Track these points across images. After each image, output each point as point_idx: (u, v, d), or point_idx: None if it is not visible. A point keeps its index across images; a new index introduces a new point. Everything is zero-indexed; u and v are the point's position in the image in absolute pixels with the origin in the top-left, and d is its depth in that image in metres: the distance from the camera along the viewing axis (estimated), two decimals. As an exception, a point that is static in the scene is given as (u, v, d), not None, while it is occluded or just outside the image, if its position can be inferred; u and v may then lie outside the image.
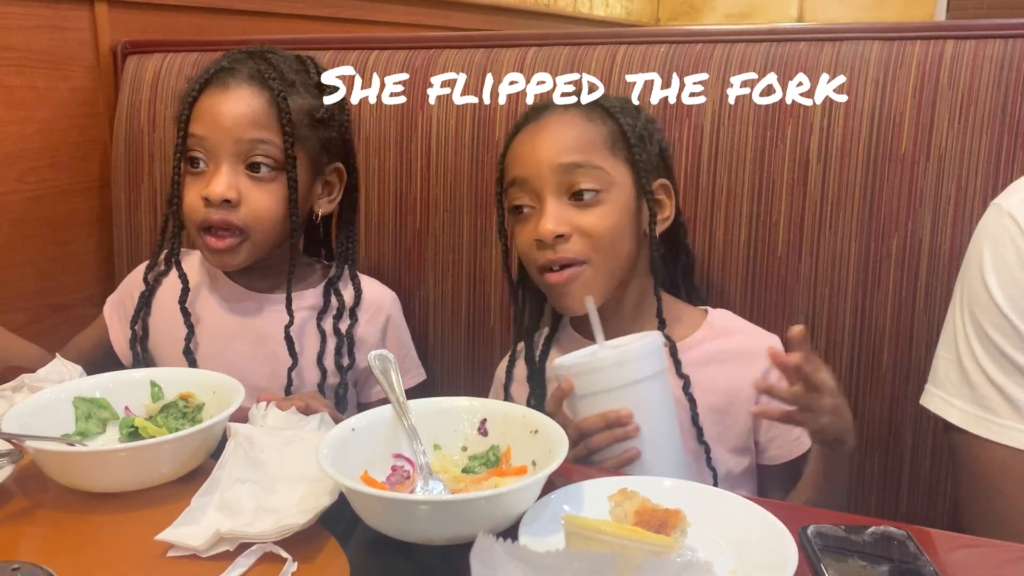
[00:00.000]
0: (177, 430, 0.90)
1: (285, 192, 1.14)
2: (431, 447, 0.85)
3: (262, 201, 1.13)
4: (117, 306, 1.28)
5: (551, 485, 0.76)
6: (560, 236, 1.02)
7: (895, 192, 1.15)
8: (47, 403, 0.91)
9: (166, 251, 1.24)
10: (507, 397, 1.16)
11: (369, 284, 1.28)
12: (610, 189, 1.04)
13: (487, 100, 1.35)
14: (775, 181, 1.20)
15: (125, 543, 0.76)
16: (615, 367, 0.94)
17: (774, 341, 1.08)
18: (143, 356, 1.22)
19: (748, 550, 0.69)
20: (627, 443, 0.93)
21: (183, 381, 0.97)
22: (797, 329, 0.90)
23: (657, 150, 1.11)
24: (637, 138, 1.06)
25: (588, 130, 1.06)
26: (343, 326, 1.22)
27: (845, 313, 1.19)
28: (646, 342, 0.95)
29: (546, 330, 1.17)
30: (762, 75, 1.20)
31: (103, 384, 0.96)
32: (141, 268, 1.27)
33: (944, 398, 0.94)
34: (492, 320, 1.40)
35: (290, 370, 1.18)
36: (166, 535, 0.72)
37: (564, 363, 0.98)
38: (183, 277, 1.21)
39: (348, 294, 1.24)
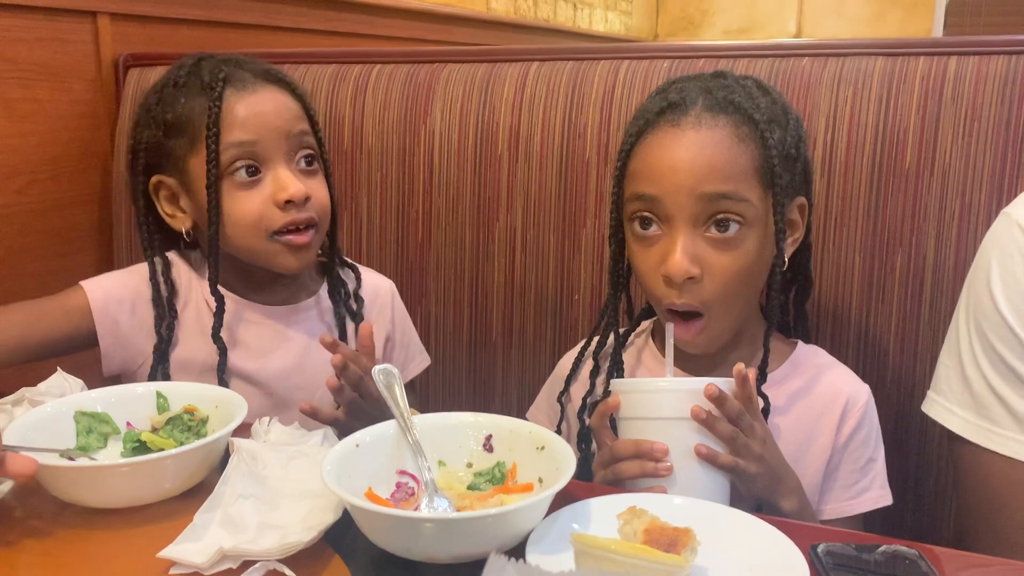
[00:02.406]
0: (183, 443, 0.89)
1: (325, 181, 1.16)
2: (436, 463, 0.84)
3: (321, 192, 1.13)
4: (110, 317, 1.14)
5: (558, 502, 0.75)
6: (690, 278, 0.91)
7: (899, 207, 1.15)
8: (48, 417, 0.90)
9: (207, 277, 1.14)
10: (565, 392, 1.09)
11: (367, 272, 1.27)
12: (753, 224, 0.92)
13: (489, 115, 1.35)
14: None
15: (127, 560, 0.75)
16: (659, 394, 0.88)
17: (863, 391, 1.01)
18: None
19: (758, 569, 0.68)
20: (656, 481, 0.86)
21: (187, 394, 0.96)
22: (739, 367, 0.87)
23: (801, 166, 0.99)
24: (783, 160, 0.93)
25: (737, 153, 0.92)
26: (354, 307, 1.21)
27: (849, 328, 1.19)
28: (702, 381, 0.86)
29: (622, 331, 1.08)
30: (765, 90, 1.20)
31: (105, 398, 0.94)
32: (136, 271, 1.17)
33: (945, 405, 0.94)
34: (494, 334, 1.40)
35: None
36: (168, 552, 0.71)
37: (619, 380, 0.94)
38: (219, 299, 1.13)
39: (350, 280, 1.24)
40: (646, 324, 1.11)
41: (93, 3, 1.48)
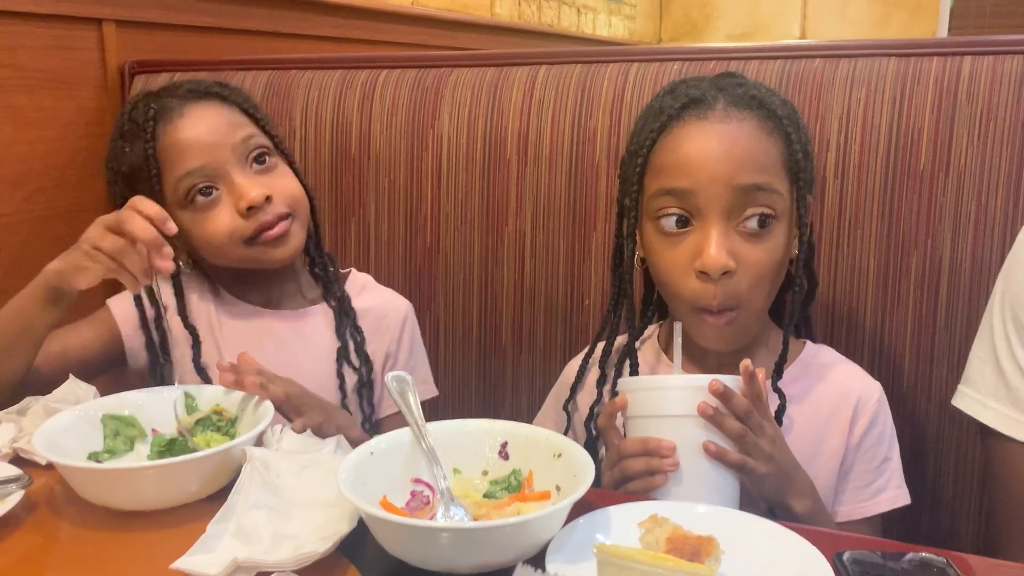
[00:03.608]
0: (216, 443, 0.89)
1: (289, 170, 1.16)
2: (451, 471, 0.83)
3: (284, 184, 1.14)
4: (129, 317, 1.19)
5: (575, 511, 0.73)
6: (726, 272, 0.89)
7: (914, 209, 1.14)
8: (76, 421, 0.91)
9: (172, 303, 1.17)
10: (571, 399, 1.08)
11: (383, 293, 1.26)
12: (781, 218, 0.92)
13: (497, 119, 1.34)
14: (792, 199, 1.18)
15: (143, 567, 0.74)
16: (666, 391, 0.87)
17: (874, 389, 1.00)
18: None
19: (783, 577, 0.67)
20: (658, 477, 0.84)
21: (215, 395, 0.97)
22: (746, 363, 0.86)
23: (812, 165, 0.98)
24: (804, 156, 0.94)
25: (768, 145, 0.92)
26: (349, 318, 1.20)
27: (864, 331, 1.18)
28: (708, 377, 0.85)
29: (624, 338, 1.07)
30: (777, 92, 1.19)
31: (132, 402, 0.95)
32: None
33: (977, 399, 0.92)
34: (503, 339, 1.39)
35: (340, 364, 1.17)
36: (181, 564, 0.70)
37: (625, 379, 0.93)
38: (192, 330, 1.15)
39: (360, 301, 1.22)
40: (651, 330, 1.10)
41: (99, 10, 1.47)
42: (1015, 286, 0.91)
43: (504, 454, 0.84)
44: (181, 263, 1.15)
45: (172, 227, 0.96)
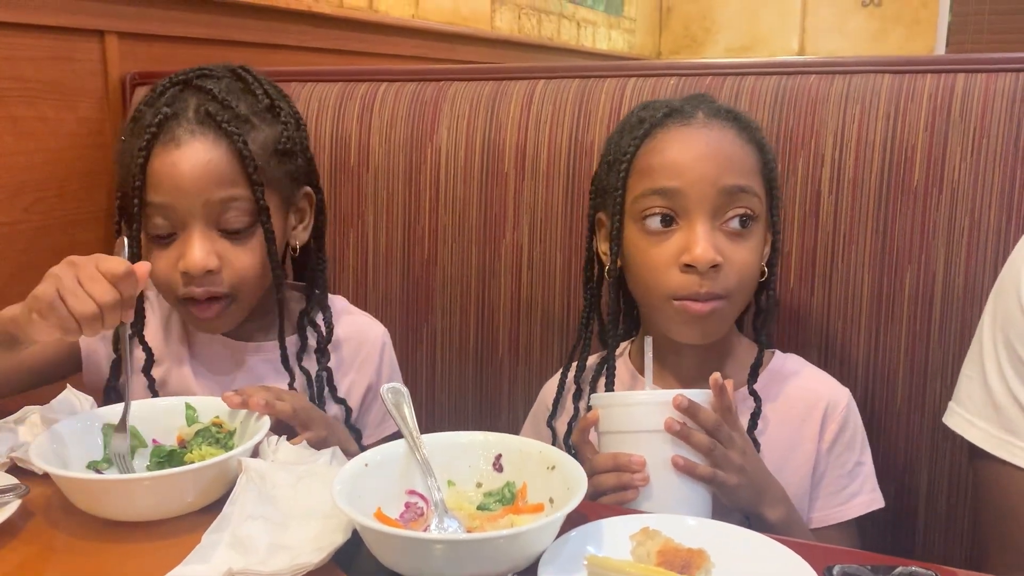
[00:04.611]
0: (211, 456, 0.89)
1: (263, 245, 1.05)
2: (445, 483, 0.83)
3: (244, 260, 1.04)
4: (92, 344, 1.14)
5: (568, 523, 0.74)
6: (714, 266, 0.93)
7: (908, 225, 1.15)
8: (76, 430, 0.91)
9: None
10: (554, 416, 1.10)
11: (358, 320, 1.20)
12: (759, 220, 0.97)
13: (495, 132, 1.35)
14: (786, 213, 1.19)
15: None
16: (634, 408, 0.89)
17: (842, 394, 1.02)
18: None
19: (773, 591, 0.67)
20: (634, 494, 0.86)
21: (214, 407, 0.96)
22: (715, 376, 0.88)
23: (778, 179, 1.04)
24: (775, 166, 1.00)
25: (747, 151, 0.97)
26: (323, 361, 1.13)
27: (858, 347, 1.18)
28: (675, 393, 0.87)
29: (598, 356, 1.10)
30: (772, 108, 1.20)
31: (132, 412, 0.95)
32: None
33: (965, 417, 0.93)
34: (500, 352, 1.39)
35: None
36: (176, 574, 0.71)
37: (597, 395, 0.95)
38: (147, 349, 1.11)
39: (335, 330, 1.16)
40: (623, 346, 1.12)
41: (101, 22, 1.48)
42: (1005, 307, 0.91)
43: (498, 466, 0.84)
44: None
45: (134, 283, 0.87)
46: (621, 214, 0.99)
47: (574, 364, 1.10)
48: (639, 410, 0.88)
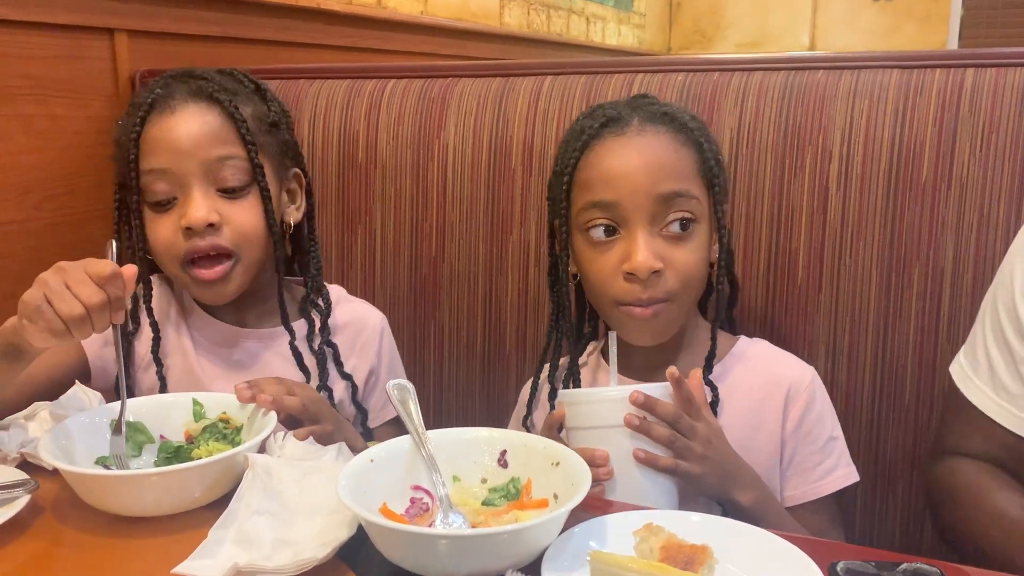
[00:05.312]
0: (218, 451, 0.90)
1: (260, 205, 1.09)
2: (450, 479, 0.84)
3: (244, 218, 1.08)
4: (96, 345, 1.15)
5: (572, 519, 0.74)
6: (655, 272, 0.96)
7: (916, 221, 1.14)
8: (84, 426, 0.92)
9: (140, 298, 1.15)
10: (529, 416, 1.12)
11: (356, 307, 1.23)
12: (700, 220, 0.99)
13: (503, 129, 1.35)
14: (794, 209, 1.19)
15: (145, 572, 0.75)
16: (595, 404, 0.92)
17: (806, 373, 1.04)
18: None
19: (777, 587, 0.67)
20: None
21: (221, 403, 0.97)
22: (671, 370, 0.90)
23: (724, 175, 1.05)
24: (717, 164, 1.01)
25: (683, 155, 0.99)
26: (325, 334, 1.16)
27: (867, 343, 1.18)
28: (629, 388, 0.89)
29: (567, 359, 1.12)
30: (780, 104, 1.20)
31: (140, 407, 0.96)
32: None
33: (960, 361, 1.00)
34: (507, 348, 1.39)
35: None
36: (182, 568, 0.71)
37: (563, 391, 0.97)
38: (154, 325, 1.14)
39: (334, 317, 1.19)
40: (593, 346, 1.14)
41: (110, 20, 1.49)
42: (1002, 274, 0.96)
43: (503, 462, 0.85)
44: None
45: (121, 284, 0.87)
46: (568, 225, 1.03)
47: (547, 365, 1.13)
48: (601, 407, 0.91)
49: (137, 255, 1.13)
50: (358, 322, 1.21)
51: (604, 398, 0.91)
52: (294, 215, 1.19)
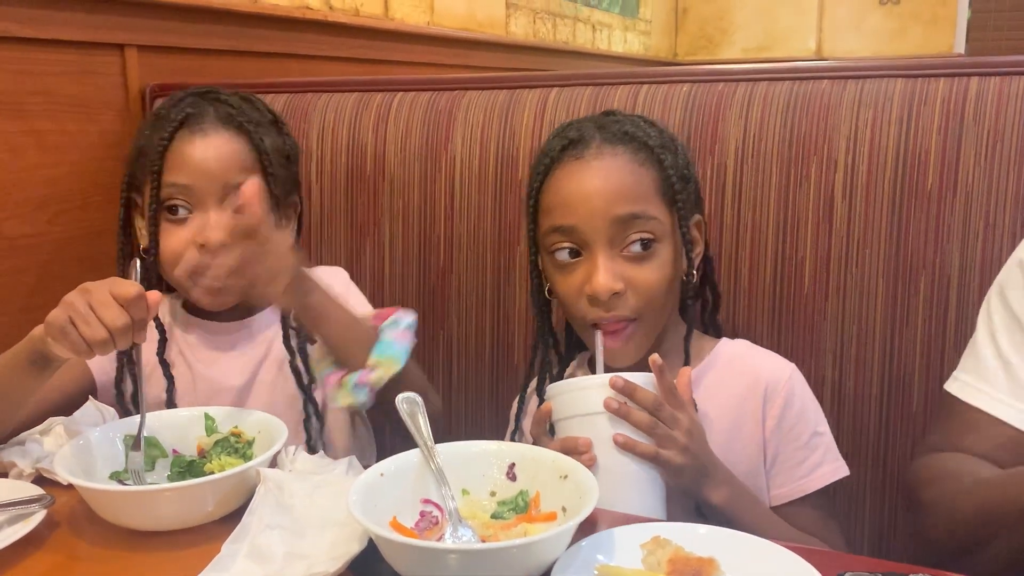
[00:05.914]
0: (230, 466, 0.92)
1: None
2: (459, 492, 0.84)
3: None
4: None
5: (580, 532, 0.75)
6: (616, 293, 0.97)
7: (922, 229, 1.15)
8: (98, 441, 0.94)
9: None
10: (517, 428, 1.14)
11: (317, 272, 1.22)
12: (662, 239, 1.00)
13: (509, 140, 1.36)
14: (800, 219, 1.20)
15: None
16: (577, 392, 0.93)
17: (785, 370, 1.04)
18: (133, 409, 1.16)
19: (784, 599, 0.68)
20: None
21: (232, 417, 0.99)
22: (654, 357, 0.91)
23: (694, 187, 1.07)
24: (680, 180, 1.02)
25: (641, 176, 1.00)
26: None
27: (874, 351, 1.18)
28: (610, 375, 0.91)
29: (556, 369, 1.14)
30: (785, 114, 1.21)
31: (152, 422, 0.97)
32: None
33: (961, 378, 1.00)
34: (516, 358, 1.40)
35: (305, 386, 1.18)
36: (196, 583, 0.72)
37: (550, 385, 0.98)
38: (160, 327, 1.19)
39: None
40: (581, 357, 1.15)
41: (121, 36, 1.51)
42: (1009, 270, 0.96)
43: (512, 475, 0.85)
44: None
45: (145, 306, 0.90)
46: (536, 247, 1.06)
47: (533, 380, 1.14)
48: (582, 394, 0.92)
49: (125, 244, 1.19)
50: (324, 284, 1.23)
51: (586, 385, 0.93)
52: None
